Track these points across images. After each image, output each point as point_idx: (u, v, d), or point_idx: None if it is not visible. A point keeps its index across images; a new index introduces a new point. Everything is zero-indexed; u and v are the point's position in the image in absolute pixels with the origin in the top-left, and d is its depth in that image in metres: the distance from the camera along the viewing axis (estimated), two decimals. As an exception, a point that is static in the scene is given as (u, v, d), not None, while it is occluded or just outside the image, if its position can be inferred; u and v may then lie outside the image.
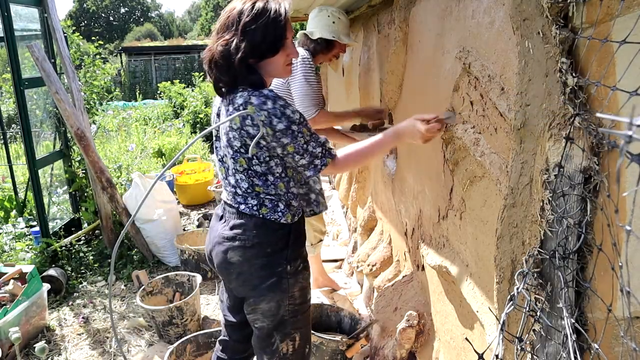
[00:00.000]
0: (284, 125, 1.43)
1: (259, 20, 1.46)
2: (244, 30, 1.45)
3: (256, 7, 1.47)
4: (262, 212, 1.54)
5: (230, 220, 1.59)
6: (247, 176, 1.52)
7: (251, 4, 1.47)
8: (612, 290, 0.88)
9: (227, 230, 1.58)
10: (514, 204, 1.10)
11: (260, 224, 1.54)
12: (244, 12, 1.46)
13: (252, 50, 1.46)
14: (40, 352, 2.31)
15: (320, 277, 3.23)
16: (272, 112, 1.43)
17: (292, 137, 1.45)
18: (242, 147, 1.48)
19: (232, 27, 1.47)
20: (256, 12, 1.46)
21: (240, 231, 1.55)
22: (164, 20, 48.87)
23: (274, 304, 1.58)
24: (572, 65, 0.94)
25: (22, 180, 5.13)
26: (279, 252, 1.56)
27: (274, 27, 1.49)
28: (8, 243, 3.56)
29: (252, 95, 1.45)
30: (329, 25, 2.61)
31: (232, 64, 1.46)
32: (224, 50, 1.46)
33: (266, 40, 1.48)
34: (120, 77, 16.87)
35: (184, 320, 2.78)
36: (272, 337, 1.63)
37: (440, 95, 1.65)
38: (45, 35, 3.93)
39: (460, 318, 1.57)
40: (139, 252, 3.86)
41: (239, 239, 1.55)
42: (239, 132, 1.47)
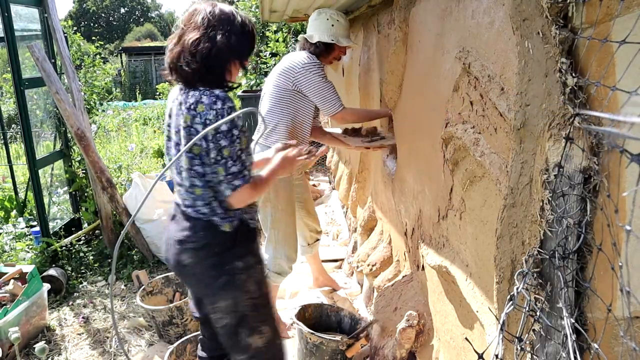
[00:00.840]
0: (227, 127, 1.45)
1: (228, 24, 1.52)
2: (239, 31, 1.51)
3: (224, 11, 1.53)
4: (206, 216, 1.57)
5: (180, 222, 1.62)
6: (189, 175, 1.55)
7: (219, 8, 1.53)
8: (612, 290, 0.88)
9: (178, 233, 1.61)
10: (513, 204, 1.10)
11: (206, 226, 1.57)
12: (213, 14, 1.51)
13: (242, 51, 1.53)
14: (40, 352, 2.31)
15: (321, 276, 3.23)
16: (220, 112, 1.46)
17: (231, 141, 1.47)
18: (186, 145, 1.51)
19: (227, 25, 1.51)
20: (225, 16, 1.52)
21: (189, 233, 1.58)
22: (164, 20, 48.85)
23: (230, 301, 1.61)
24: (571, 65, 0.94)
25: (22, 180, 5.14)
26: (227, 250, 1.58)
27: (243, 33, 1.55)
28: (8, 243, 3.56)
29: (203, 94, 1.49)
30: (328, 28, 2.63)
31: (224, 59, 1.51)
32: (224, 45, 1.49)
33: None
34: (120, 77, 16.87)
35: (184, 320, 2.78)
36: (238, 334, 1.66)
37: (440, 95, 1.65)
38: (45, 36, 3.93)
39: (460, 318, 1.57)
40: (139, 252, 3.86)
41: (189, 241, 1.59)
42: (187, 131, 1.50)
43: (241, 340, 1.66)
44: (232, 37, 1.51)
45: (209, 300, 1.65)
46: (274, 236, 2.68)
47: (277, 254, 2.68)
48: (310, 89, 2.56)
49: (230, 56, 1.54)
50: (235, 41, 1.52)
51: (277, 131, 2.62)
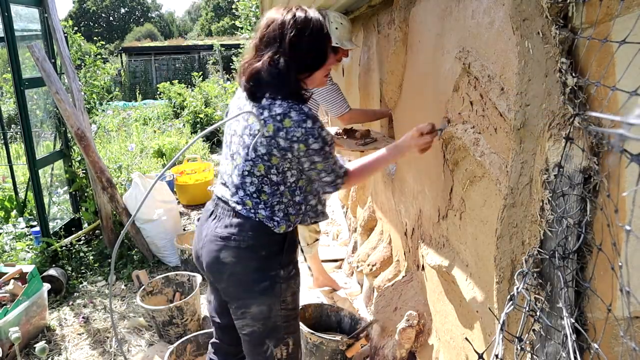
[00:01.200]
0: (319, 145, 1.45)
1: (303, 34, 1.45)
2: (290, 46, 1.44)
3: (298, 19, 1.45)
4: (259, 217, 1.52)
5: (224, 218, 1.56)
6: (260, 182, 1.51)
7: (292, 15, 1.46)
8: (612, 290, 0.88)
9: (221, 229, 1.55)
10: (513, 204, 1.10)
11: (257, 227, 1.52)
12: (286, 24, 1.44)
13: (299, 66, 1.47)
14: (40, 352, 2.31)
15: (321, 276, 3.23)
16: (310, 131, 1.43)
17: (324, 157, 1.49)
18: (266, 155, 1.47)
19: (276, 41, 1.45)
20: (300, 26, 1.45)
21: (236, 231, 1.53)
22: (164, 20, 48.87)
23: (265, 308, 1.57)
24: (571, 65, 0.94)
25: (22, 180, 5.13)
26: (274, 256, 1.55)
27: (319, 40, 1.50)
28: (8, 243, 3.56)
29: (292, 108, 1.44)
30: (332, 31, 2.64)
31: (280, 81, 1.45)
32: (271, 68, 1.44)
33: (313, 55, 1.49)
34: (120, 77, 16.88)
35: (184, 320, 2.78)
36: (264, 343, 1.62)
37: (440, 95, 1.65)
38: (45, 36, 3.93)
39: (460, 318, 1.57)
40: (139, 252, 3.86)
41: (233, 239, 1.52)
42: (268, 141, 1.45)
43: (266, 350, 1.62)
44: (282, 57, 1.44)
45: (241, 303, 1.58)
46: None
47: None
48: (318, 92, 2.61)
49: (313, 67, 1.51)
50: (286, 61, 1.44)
51: None
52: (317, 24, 1.48)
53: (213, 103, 9.78)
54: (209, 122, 9.10)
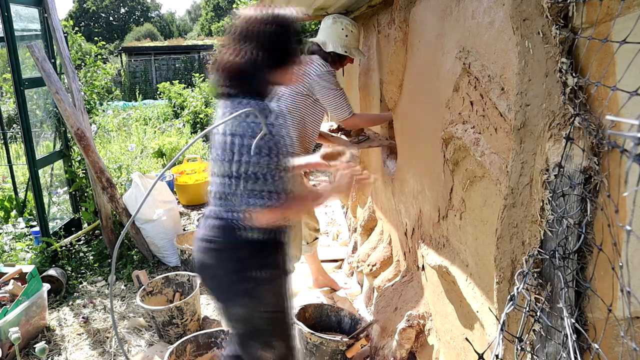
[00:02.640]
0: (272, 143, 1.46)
1: (278, 30, 1.48)
2: (260, 40, 1.46)
3: (270, 16, 1.48)
4: (233, 220, 1.54)
5: (210, 221, 1.60)
6: (235, 182, 1.53)
7: (264, 12, 1.49)
8: (612, 290, 0.88)
9: (205, 230, 1.59)
10: (514, 204, 1.10)
11: (235, 229, 1.54)
12: (261, 21, 1.48)
13: (272, 60, 1.49)
14: (40, 352, 2.31)
15: (321, 276, 3.23)
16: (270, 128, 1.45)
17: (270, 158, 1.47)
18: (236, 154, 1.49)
19: (251, 36, 1.48)
20: (275, 22, 1.48)
21: (215, 233, 1.56)
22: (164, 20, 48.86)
23: (246, 310, 1.58)
24: (572, 65, 0.94)
25: (22, 180, 5.13)
26: (252, 257, 1.56)
27: (292, 36, 1.52)
28: (8, 243, 3.56)
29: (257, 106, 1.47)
30: (342, 38, 2.70)
31: (252, 74, 1.48)
32: (247, 61, 1.47)
33: (285, 50, 1.51)
34: (120, 77, 16.88)
35: (184, 320, 2.78)
36: (250, 345, 1.63)
37: (440, 95, 1.65)
38: (45, 35, 3.93)
39: (460, 318, 1.57)
40: (139, 252, 3.86)
41: (214, 242, 1.56)
42: (239, 140, 1.48)
43: (252, 352, 1.64)
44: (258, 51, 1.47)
45: (225, 304, 1.62)
46: None
47: None
48: (324, 96, 2.64)
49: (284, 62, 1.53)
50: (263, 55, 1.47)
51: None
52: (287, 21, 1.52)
53: (213, 103, 9.77)
54: (209, 122, 9.09)
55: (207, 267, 1.60)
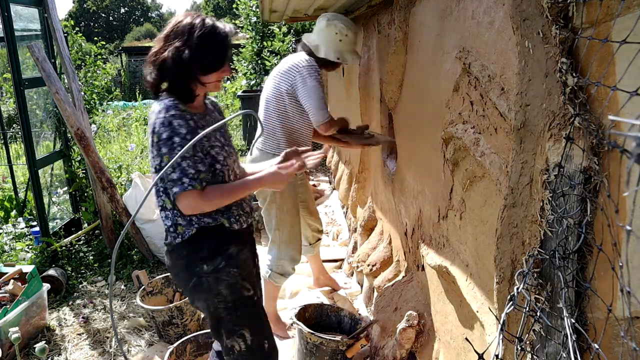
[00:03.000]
0: (167, 134, 1.48)
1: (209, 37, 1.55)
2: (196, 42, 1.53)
3: (207, 24, 1.55)
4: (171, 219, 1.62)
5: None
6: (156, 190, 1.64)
7: (201, 19, 1.56)
8: (612, 290, 0.88)
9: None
10: (514, 204, 1.10)
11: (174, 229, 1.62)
12: (195, 26, 1.54)
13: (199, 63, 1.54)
14: (40, 352, 2.30)
15: (321, 276, 3.23)
16: (161, 120, 1.50)
17: (170, 149, 1.48)
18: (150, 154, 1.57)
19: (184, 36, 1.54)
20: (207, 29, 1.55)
21: (165, 236, 1.67)
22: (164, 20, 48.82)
23: (203, 303, 1.65)
24: (572, 65, 0.94)
25: (22, 180, 5.13)
26: (194, 253, 1.61)
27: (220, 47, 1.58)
28: (8, 243, 3.56)
29: (159, 103, 1.55)
30: (336, 43, 2.54)
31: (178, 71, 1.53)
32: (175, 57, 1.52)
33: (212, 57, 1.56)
34: (120, 77, 16.87)
35: (184, 320, 2.78)
36: (220, 335, 1.70)
37: (440, 95, 1.65)
38: (45, 35, 3.93)
39: (460, 318, 1.57)
40: (139, 252, 3.86)
41: (166, 244, 1.66)
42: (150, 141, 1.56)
43: (223, 340, 1.70)
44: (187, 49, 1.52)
45: (190, 299, 1.71)
46: (278, 237, 2.67)
47: (281, 255, 2.68)
48: (302, 91, 2.47)
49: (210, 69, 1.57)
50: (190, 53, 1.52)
51: (275, 136, 2.58)
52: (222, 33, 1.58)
53: (213, 103, 9.75)
54: (208, 122, 9.06)
55: (169, 268, 1.71)
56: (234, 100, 9.69)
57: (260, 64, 8.00)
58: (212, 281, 1.61)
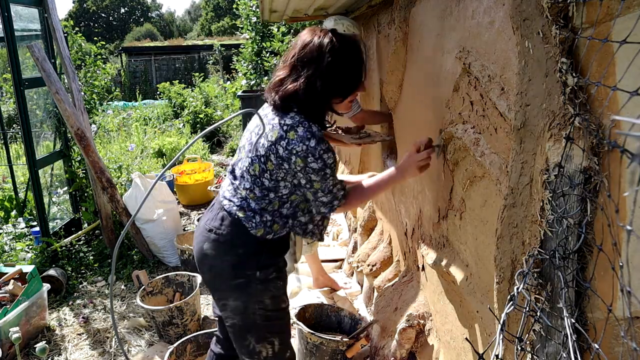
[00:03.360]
0: (318, 166, 1.46)
1: (342, 58, 1.46)
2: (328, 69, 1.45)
3: (336, 43, 1.46)
4: (239, 215, 1.56)
5: (214, 211, 1.63)
6: (252, 182, 1.55)
7: (329, 38, 1.46)
8: (613, 290, 0.88)
9: (208, 221, 1.62)
10: (514, 204, 1.10)
11: (236, 224, 1.56)
12: (324, 47, 1.45)
13: (335, 90, 1.49)
14: (41, 352, 2.30)
15: (321, 276, 3.23)
16: (311, 151, 1.45)
17: (322, 178, 1.49)
18: (262, 157, 1.50)
19: (314, 63, 1.46)
20: (338, 51, 1.45)
21: (217, 224, 1.59)
22: (164, 20, 48.86)
23: (240, 303, 1.60)
24: (572, 65, 0.94)
25: (22, 180, 5.13)
26: (251, 256, 1.57)
27: (356, 65, 1.50)
28: (8, 243, 3.56)
29: (301, 124, 1.47)
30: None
31: (313, 103, 1.48)
32: (309, 90, 1.46)
33: (349, 80, 1.50)
34: (120, 77, 16.87)
35: (184, 320, 2.78)
36: (246, 338, 1.65)
37: (440, 95, 1.65)
38: (45, 35, 3.93)
39: (461, 318, 1.57)
40: (139, 252, 3.86)
41: (215, 232, 1.58)
42: (268, 145, 1.49)
43: (249, 345, 1.65)
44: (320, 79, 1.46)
45: (220, 295, 1.65)
46: None
47: None
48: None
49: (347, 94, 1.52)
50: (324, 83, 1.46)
51: None
52: (354, 46, 1.49)
53: (213, 103, 9.77)
54: (209, 122, 9.09)
55: (205, 256, 1.61)
56: (234, 100, 9.70)
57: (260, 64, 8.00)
58: (260, 289, 1.59)
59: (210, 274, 1.64)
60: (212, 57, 15.81)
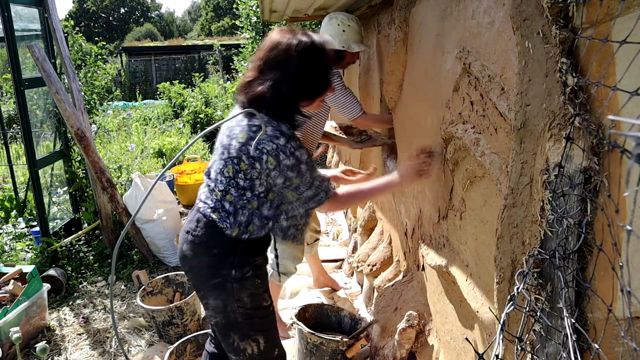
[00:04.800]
0: (292, 163, 1.47)
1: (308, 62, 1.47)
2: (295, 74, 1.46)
3: (304, 46, 1.46)
4: (213, 217, 1.58)
5: (192, 214, 1.67)
6: (227, 184, 1.57)
7: (297, 41, 1.47)
8: (612, 290, 0.88)
9: (187, 224, 1.66)
10: (514, 204, 1.10)
11: (210, 225, 1.59)
12: (291, 50, 1.46)
13: (302, 93, 1.50)
14: (41, 352, 2.30)
15: (321, 277, 3.23)
16: (282, 148, 1.46)
17: (299, 173, 1.50)
18: (235, 159, 1.52)
19: (280, 67, 1.47)
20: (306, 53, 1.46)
21: (193, 227, 1.62)
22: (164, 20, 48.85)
23: (220, 302, 1.62)
24: (572, 66, 0.94)
25: (22, 180, 5.13)
26: (225, 256, 1.59)
27: (323, 68, 1.51)
28: (8, 243, 3.56)
29: (269, 124, 1.48)
30: (339, 34, 2.61)
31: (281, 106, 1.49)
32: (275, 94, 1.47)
33: (317, 83, 1.51)
34: (120, 77, 16.87)
35: (184, 320, 2.78)
36: (230, 336, 1.67)
37: (440, 95, 1.65)
38: (45, 35, 3.93)
39: (461, 318, 1.57)
40: (139, 252, 3.86)
41: (191, 234, 1.62)
42: (239, 146, 1.51)
43: (233, 342, 1.67)
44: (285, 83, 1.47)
45: (201, 294, 1.68)
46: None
47: (283, 254, 2.68)
48: (330, 97, 2.59)
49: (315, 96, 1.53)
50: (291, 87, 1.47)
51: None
52: (321, 50, 1.50)
53: (213, 103, 9.77)
54: (209, 122, 9.08)
55: (185, 257, 1.66)
56: (234, 100, 9.69)
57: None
58: (237, 287, 1.60)
59: (191, 275, 1.69)
60: (212, 57, 15.82)
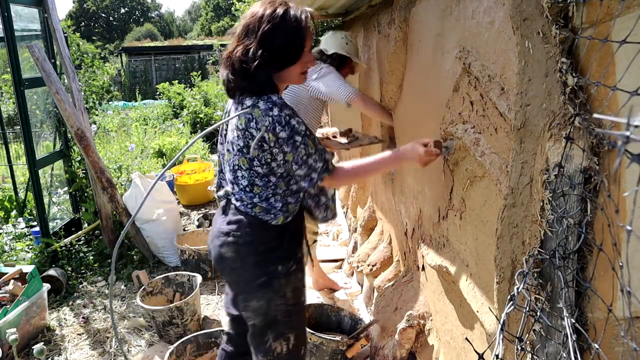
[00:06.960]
0: (287, 134, 1.45)
1: (278, 28, 1.46)
2: (263, 38, 1.45)
3: (276, 14, 1.46)
4: (256, 211, 1.56)
5: (229, 215, 1.62)
6: (249, 175, 1.54)
7: (272, 10, 1.47)
8: (613, 290, 0.88)
9: (224, 225, 1.61)
10: (514, 204, 1.10)
11: (254, 223, 1.56)
12: (264, 18, 1.46)
13: (270, 59, 1.47)
14: (38, 354, 2.30)
15: (320, 279, 3.23)
16: (277, 119, 1.44)
17: (293, 147, 1.46)
18: (244, 148, 1.50)
19: (252, 33, 1.47)
20: (276, 20, 1.46)
21: (235, 227, 1.58)
22: (164, 20, 48.85)
23: (264, 302, 1.60)
24: (572, 65, 0.94)
25: (22, 180, 5.13)
26: (272, 251, 1.57)
27: (294, 36, 1.49)
28: (8, 243, 3.56)
29: (260, 99, 1.47)
30: (343, 45, 2.79)
31: (248, 70, 1.47)
32: (242, 57, 1.46)
33: (285, 50, 1.48)
34: (120, 77, 16.87)
35: (184, 320, 2.77)
36: (265, 335, 1.65)
37: (440, 95, 1.65)
38: (45, 36, 3.93)
39: (461, 318, 1.57)
40: (139, 252, 3.86)
41: (232, 235, 1.58)
42: (242, 133, 1.49)
43: (267, 341, 1.66)
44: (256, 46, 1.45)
45: (242, 297, 1.64)
46: None
47: None
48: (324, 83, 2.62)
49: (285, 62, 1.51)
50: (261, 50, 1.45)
51: None
52: (293, 19, 1.48)
53: (213, 103, 9.77)
54: (208, 122, 9.09)
55: (225, 259, 1.61)
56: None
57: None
58: (283, 282, 1.59)
59: (232, 277, 1.65)
60: (212, 57, 15.81)
